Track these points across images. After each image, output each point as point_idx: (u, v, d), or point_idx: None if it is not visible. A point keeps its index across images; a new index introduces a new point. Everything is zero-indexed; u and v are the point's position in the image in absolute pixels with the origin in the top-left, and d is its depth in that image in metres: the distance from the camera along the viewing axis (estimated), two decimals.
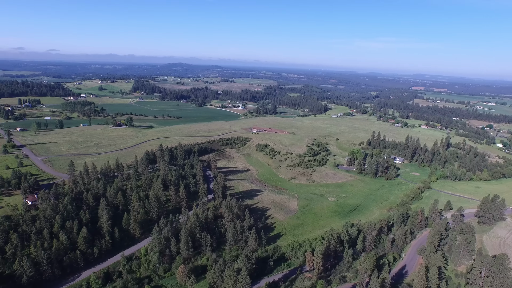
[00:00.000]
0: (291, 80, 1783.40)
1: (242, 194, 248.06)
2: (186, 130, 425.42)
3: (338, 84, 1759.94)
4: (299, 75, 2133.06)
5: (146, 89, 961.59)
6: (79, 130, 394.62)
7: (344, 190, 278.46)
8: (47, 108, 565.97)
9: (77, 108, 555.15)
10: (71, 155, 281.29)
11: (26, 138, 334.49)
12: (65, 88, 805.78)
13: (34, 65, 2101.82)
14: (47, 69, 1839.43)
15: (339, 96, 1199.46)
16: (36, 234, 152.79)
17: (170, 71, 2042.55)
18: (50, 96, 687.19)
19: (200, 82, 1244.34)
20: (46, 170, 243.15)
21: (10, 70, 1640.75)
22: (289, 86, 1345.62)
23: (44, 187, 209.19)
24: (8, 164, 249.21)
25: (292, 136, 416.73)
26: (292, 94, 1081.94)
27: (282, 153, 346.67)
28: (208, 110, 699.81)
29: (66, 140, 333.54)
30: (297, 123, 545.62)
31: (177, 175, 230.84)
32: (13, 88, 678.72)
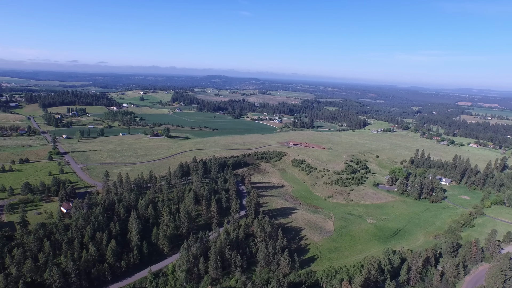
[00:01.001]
0: (328, 94, 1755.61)
1: (276, 212, 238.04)
2: (222, 142, 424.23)
3: (378, 99, 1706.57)
4: (337, 89, 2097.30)
5: (185, 100, 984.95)
6: (118, 139, 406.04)
7: (385, 211, 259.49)
8: (91, 117, 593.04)
9: (118, 117, 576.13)
10: (108, 164, 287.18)
11: (70, 146, 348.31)
12: (109, 98, 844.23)
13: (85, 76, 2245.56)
14: (96, 80, 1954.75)
15: (378, 110, 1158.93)
16: (67, 244, 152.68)
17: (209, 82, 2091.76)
18: (95, 106, 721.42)
19: (238, 94, 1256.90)
20: (84, 178, 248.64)
21: (64, 81, 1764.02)
22: (326, 99, 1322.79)
23: (80, 195, 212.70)
24: (51, 170, 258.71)
25: (330, 152, 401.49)
26: (329, 108, 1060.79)
27: (319, 170, 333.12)
28: (244, 122, 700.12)
29: (105, 149, 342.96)
30: (335, 138, 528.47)
31: (209, 189, 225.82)
32: (64, 98, 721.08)
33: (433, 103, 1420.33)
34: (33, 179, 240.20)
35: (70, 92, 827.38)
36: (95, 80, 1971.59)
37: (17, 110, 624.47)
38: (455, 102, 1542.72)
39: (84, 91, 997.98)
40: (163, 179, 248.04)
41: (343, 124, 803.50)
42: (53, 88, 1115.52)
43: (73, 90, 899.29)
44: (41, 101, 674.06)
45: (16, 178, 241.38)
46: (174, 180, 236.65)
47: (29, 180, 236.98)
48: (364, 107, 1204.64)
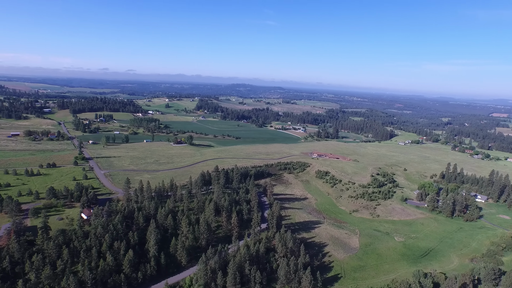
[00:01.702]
0: (354, 104, 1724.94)
1: (298, 226, 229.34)
2: (244, 151, 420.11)
3: (405, 109, 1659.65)
4: (363, 99, 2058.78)
5: (209, 108, 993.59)
6: (142, 146, 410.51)
7: (414, 229, 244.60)
8: (118, 123, 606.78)
9: (143, 124, 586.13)
10: (131, 171, 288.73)
11: (95, 151, 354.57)
12: (135, 104, 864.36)
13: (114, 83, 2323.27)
14: (125, 87, 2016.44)
15: (405, 121, 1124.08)
16: (85, 252, 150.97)
17: (233, 91, 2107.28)
18: (121, 112, 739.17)
19: (262, 103, 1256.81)
20: (106, 184, 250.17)
21: (95, 88, 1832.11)
22: (352, 109, 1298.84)
23: (101, 201, 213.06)
24: (75, 175, 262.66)
25: (355, 164, 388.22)
26: (355, 118, 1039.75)
27: (344, 182, 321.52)
28: (267, 132, 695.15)
29: (129, 155, 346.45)
30: (360, 150, 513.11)
31: (230, 200, 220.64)
32: (93, 104, 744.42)
33: (465, 114, 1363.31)
34: (58, 183, 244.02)
35: (99, 98, 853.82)
36: (123, 87, 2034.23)
37: (50, 115, 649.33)
38: (489, 114, 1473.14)
39: (113, 97, 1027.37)
40: (184, 188, 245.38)
41: (369, 135, 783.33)
42: (84, 95, 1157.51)
43: (102, 97, 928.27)
44: (72, 107, 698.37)
45: (42, 182, 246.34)
46: (195, 190, 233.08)
47: (54, 184, 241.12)
48: (391, 117, 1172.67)
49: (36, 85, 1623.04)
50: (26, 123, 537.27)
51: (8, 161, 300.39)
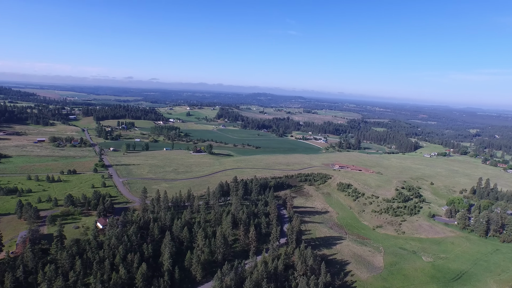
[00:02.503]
0: (376, 114, 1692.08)
1: (319, 241, 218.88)
2: (264, 161, 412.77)
3: (429, 120, 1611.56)
4: (385, 109, 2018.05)
5: (230, 116, 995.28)
6: (161, 154, 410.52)
7: (443, 248, 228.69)
8: (139, 131, 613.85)
9: (164, 132, 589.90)
10: (149, 179, 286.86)
11: (115, 159, 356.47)
12: (157, 112, 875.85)
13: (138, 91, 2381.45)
14: (148, 95, 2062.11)
15: (430, 132, 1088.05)
16: (98, 264, 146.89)
17: (254, 100, 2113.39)
18: (143, 120, 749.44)
19: (282, 112, 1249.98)
20: (124, 193, 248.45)
21: (119, 95, 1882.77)
22: (374, 120, 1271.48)
23: (117, 210, 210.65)
24: (94, 183, 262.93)
25: (379, 177, 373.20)
26: (377, 128, 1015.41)
27: (367, 196, 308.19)
28: (288, 141, 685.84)
29: (148, 163, 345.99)
30: (383, 162, 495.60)
31: (248, 212, 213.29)
32: (116, 112, 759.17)
33: (495, 125, 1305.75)
34: (77, 191, 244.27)
35: (122, 106, 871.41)
36: (147, 95, 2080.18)
37: (75, 122, 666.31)
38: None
39: (135, 105, 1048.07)
40: (201, 198, 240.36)
41: (392, 146, 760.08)
42: (109, 102, 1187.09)
43: (125, 105, 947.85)
44: (96, 114, 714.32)
45: (62, 189, 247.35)
46: (213, 201, 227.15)
47: (73, 191, 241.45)
48: (415, 128, 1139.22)
49: (65, 92, 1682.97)
50: (52, 129, 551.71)
51: (32, 166, 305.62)
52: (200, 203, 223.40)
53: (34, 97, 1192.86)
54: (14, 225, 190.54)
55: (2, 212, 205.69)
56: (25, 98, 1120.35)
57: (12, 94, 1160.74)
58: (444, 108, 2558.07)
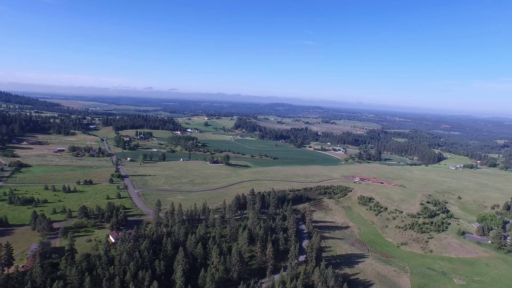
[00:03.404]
0: (396, 124, 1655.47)
1: (340, 259, 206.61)
2: (282, 173, 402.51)
3: (452, 130, 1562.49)
4: (405, 119, 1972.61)
5: (248, 127, 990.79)
6: (178, 165, 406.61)
7: (477, 270, 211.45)
8: (156, 141, 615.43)
9: (181, 142, 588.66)
10: (164, 191, 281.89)
11: (131, 169, 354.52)
12: (175, 122, 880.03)
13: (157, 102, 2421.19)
14: (167, 105, 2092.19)
15: (454, 143, 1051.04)
16: (108, 281, 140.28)
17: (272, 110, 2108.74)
18: (161, 130, 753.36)
19: (300, 123, 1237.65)
20: (138, 205, 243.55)
21: (139, 106, 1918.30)
22: (394, 130, 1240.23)
23: (131, 223, 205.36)
24: (109, 194, 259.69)
25: (402, 190, 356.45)
26: (398, 139, 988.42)
27: (390, 210, 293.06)
28: (306, 152, 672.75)
29: (164, 174, 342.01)
30: (406, 174, 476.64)
31: (266, 227, 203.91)
32: (134, 121, 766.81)
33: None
34: (91, 201, 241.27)
35: (140, 116, 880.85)
36: (166, 105, 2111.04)
37: (95, 132, 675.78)
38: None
39: (154, 115, 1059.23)
40: (217, 211, 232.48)
41: (414, 157, 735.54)
42: (128, 112, 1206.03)
43: (144, 114, 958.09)
44: (115, 124, 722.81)
45: (77, 200, 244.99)
46: (229, 214, 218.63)
47: (88, 202, 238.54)
48: (437, 139, 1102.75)
49: (87, 103, 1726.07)
50: (72, 139, 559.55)
51: (50, 176, 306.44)
52: (215, 216, 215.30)
53: (58, 107, 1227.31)
54: (27, 237, 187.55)
55: (17, 222, 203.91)
56: (50, 108, 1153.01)
57: (38, 104, 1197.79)
58: (467, 118, 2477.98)
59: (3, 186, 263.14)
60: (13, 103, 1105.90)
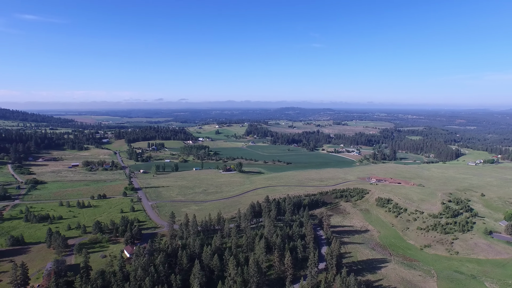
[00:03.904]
0: (409, 122, 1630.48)
1: (361, 265, 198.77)
2: (296, 178, 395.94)
3: (468, 125, 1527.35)
4: (418, 116, 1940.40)
5: (259, 133, 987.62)
6: (191, 174, 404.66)
7: (510, 273, 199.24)
8: (168, 151, 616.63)
9: (193, 151, 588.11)
10: (178, 202, 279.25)
11: (144, 181, 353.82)
12: (186, 132, 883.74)
13: (168, 112, 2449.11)
14: (178, 116, 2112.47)
15: (471, 138, 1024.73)
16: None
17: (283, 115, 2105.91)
18: (173, 140, 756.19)
19: (312, 126, 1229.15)
20: (152, 217, 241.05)
21: (151, 117, 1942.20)
22: (407, 128, 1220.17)
23: (145, 237, 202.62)
24: (123, 207, 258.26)
25: (420, 189, 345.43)
26: (412, 137, 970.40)
27: (410, 211, 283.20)
28: (319, 155, 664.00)
29: (177, 185, 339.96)
30: (423, 172, 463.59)
31: (283, 235, 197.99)
32: (146, 133, 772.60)
33: None
34: (106, 216, 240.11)
35: (152, 127, 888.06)
36: (177, 115, 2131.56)
37: (108, 145, 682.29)
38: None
39: (165, 126, 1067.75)
40: (232, 220, 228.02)
41: (431, 155, 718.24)
42: (140, 124, 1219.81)
43: (155, 126, 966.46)
44: (127, 136, 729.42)
45: (91, 215, 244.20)
46: (244, 223, 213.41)
47: (102, 217, 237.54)
48: (453, 135, 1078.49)
49: (100, 117, 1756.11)
50: (86, 153, 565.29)
51: (65, 192, 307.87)
52: (231, 226, 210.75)
53: (72, 123, 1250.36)
54: (43, 255, 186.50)
55: (33, 240, 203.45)
56: (64, 124, 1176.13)
57: (53, 121, 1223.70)
58: (483, 111, 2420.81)
59: (19, 204, 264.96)
60: (29, 121, 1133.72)
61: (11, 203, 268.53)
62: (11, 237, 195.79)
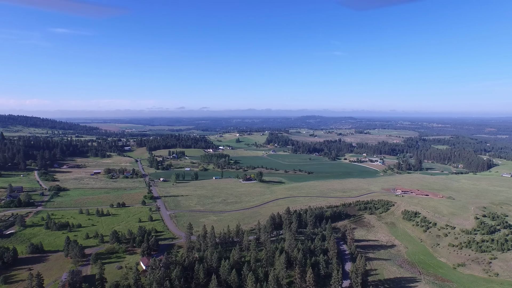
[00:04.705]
0: (434, 130, 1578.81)
1: (389, 284, 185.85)
2: (318, 188, 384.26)
3: (499, 133, 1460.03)
4: (444, 124, 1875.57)
5: (280, 141, 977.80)
6: (211, 183, 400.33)
7: None
8: (189, 160, 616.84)
9: (213, 160, 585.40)
10: (197, 212, 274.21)
11: (164, 190, 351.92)
12: (207, 140, 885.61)
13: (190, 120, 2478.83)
14: (199, 124, 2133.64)
15: (503, 148, 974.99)
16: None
17: (303, 123, 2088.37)
18: (193, 148, 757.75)
19: (333, 134, 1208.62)
20: (170, 227, 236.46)
21: (172, 125, 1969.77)
22: (433, 137, 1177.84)
23: (162, 248, 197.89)
24: (141, 217, 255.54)
25: (451, 202, 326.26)
26: (438, 146, 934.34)
27: (440, 226, 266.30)
28: (342, 165, 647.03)
29: (196, 194, 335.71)
30: (453, 184, 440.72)
31: (304, 249, 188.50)
32: (167, 141, 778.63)
33: None
34: (124, 225, 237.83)
35: (173, 136, 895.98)
36: (198, 124, 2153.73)
37: (129, 153, 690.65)
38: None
39: (186, 134, 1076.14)
40: (251, 232, 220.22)
41: (459, 165, 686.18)
42: (162, 132, 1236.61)
43: (176, 134, 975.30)
44: (148, 144, 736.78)
45: (110, 224, 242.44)
46: (264, 236, 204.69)
47: (120, 226, 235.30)
48: (483, 144, 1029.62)
49: (123, 125, 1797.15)
50: (108, 161, 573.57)
51: (85, 199, 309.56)
52: (250, 238, 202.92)
53: (97, 130, 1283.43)
54: (60, 264, 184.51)
55: (52, 248, 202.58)
56: (90, 132, 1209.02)
57: (79, 129, 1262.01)
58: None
59: (42, 211, 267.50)
60: (57, 129, 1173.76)
61: (34, 209, 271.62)
62: (31, 245, 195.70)
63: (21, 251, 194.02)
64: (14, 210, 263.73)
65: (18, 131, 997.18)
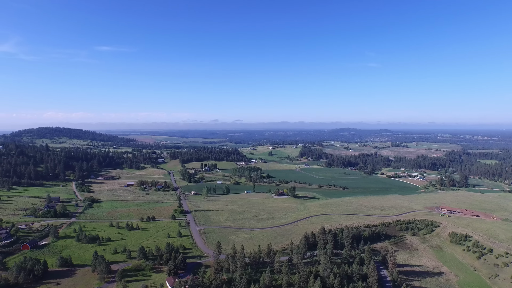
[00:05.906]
0: (479, 144, 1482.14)
1: None
2: (354, 205, 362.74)
3: None
4: (491, 137, 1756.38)
5: (313, 154, 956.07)
6: (242, 198, 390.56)
7: None
8: (221, 173, 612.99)
9: (246, 173, 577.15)
10: (227, 228, 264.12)
11: (194, 203, 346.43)
12: (239, 153, 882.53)
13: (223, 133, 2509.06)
14: (232, 136, 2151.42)
15: None
16: None
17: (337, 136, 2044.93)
18: (225, 161, 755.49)
19: (369, 147, 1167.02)
20: (199, 244, 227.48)
21: (206, 138, 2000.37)
22: (478, 150, 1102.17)
23: (189, 266, 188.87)
24: (170, 232, 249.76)
25: (508, 226, 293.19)
26: (485, 160, 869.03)
27: (497, 253, 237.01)
28: (378, 180, 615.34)
29: (227, 209, 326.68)
30: (508, 204, 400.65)
31: (341, 275, 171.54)
32: (200, 154, 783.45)
33: None
34: (152, 240, 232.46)
35: (206, 148, 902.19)
36: (231, 136, 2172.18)
37: (163, 165, 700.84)
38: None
39: (219, 147, 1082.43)
40: (283, 253, 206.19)
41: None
42: (195, 145, 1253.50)
43: (209, 146, 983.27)
44: (181, 157, 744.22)
45: (138, 238, 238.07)
46: (297, 258, 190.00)
47: (149, 241, 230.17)
48: None
49: (159, 137, 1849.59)
50: (142, 172, 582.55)
51: (117, 212, 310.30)
52: (282, 259, 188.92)
53: (133, 142, 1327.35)
54: (87, 280, 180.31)
55: (81, 262, 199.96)
56: (127, 143, 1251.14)
57: (117, 141, 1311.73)
58: None
59: (75, 223, 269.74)
60: (97, 140, 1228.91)
61: (68, 220, 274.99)
62: (61, 258, 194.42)
63: (51, 264, 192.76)
64: (50, 221, 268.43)
65: (62, 142, 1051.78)
